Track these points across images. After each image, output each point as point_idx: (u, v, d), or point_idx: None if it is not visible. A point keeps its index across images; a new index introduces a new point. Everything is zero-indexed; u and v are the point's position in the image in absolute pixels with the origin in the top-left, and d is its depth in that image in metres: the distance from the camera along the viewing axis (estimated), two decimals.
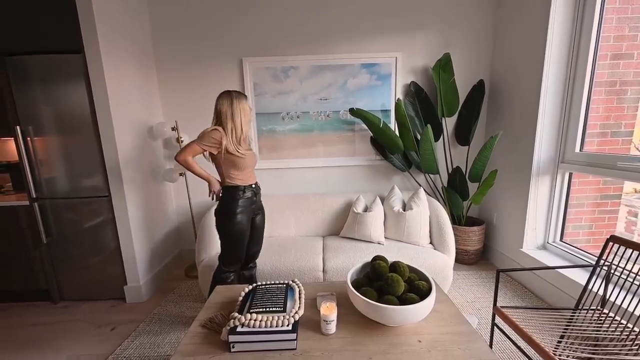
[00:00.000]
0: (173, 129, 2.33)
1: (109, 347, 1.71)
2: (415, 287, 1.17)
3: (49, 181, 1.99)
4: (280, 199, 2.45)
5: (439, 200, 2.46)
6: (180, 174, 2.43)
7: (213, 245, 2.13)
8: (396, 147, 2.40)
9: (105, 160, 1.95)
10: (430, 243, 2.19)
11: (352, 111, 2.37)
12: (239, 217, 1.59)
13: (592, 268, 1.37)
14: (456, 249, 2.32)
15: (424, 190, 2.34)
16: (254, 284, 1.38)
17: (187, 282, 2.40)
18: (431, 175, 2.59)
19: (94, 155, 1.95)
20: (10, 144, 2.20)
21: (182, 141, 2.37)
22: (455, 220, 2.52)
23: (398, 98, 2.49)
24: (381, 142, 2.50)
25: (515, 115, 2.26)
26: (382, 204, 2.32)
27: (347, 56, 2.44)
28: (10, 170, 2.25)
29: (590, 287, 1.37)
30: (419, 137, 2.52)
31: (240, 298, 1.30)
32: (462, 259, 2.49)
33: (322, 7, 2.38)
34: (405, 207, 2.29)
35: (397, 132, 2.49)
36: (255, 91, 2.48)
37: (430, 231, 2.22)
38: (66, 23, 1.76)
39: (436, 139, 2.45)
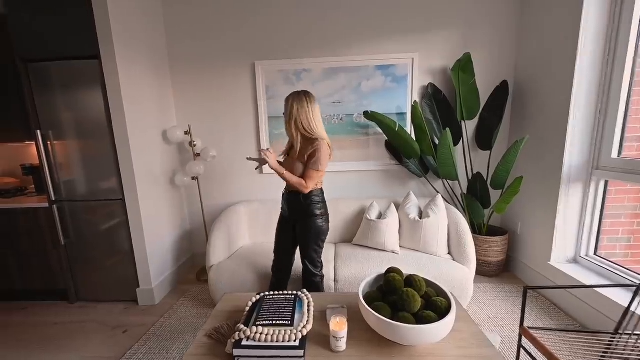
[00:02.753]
0: (186, 133, 2.34)
1: (120, 349, 1.71)
2: (433, 304, 1.08)
3: (67, 184, 2.05)
4: None
5: (457, 208, 2.33)
6: (193, 179, 2.44)
7: (223, 251, 2.11)
8: (412, 151, 2.30)
9: (120, 163, 1.98)
10: (449, 253, 2.07)
11: (367, 114, 2.30)
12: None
13: (635, 288, 1.23)
14: (477, 260, 2.19)
15: (442, 197, 2.23)
16: (262, 294, 1.33)
17: (198, 286, 2.40)
18: (449, 182, 2.46)
19: (109, 158, 1.98)
20: (33, 147, 2.29)
21: (194, 145, 2.38)
22: (476, 229, 2.37)
23: (415, 100, 2.39)
24: (396, 146, 2.41)
25: (542, 118, 2.10)
26: (397, 211, 2.23)
27: (362, 58, 2.38)
28: (33, 173, 2.34)
29: (633, 308, 1.22)
30: (436, 141, 2.41)
31: (247, 308, 1.26)
32: (483, 271, 2.34)
33: (335, 8, 2.33)
34: (421, 214, 2.19)
35: (413, 136, 2.40)
36: (267, 94, 2.46)
37: (448, 241, 2.10)
38: (84, 30, 1.80)
39: (455, 143, 2.33)
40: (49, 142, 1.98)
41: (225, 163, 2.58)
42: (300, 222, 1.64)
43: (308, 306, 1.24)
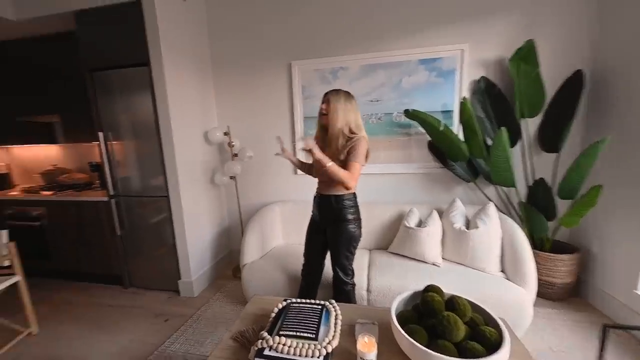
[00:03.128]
0: (225, 133, 2.42)
1: (160, 337, 1.82)
2: (480, 334, 0.92)
3: (123, 180, 2.25)
4: None
5: (514, 219, 2.03)
6: (231, 178, 2.51)
7: (257, 250, 2.13)
8: (459, 153, 2.07)
9: (165, 163, 2.11)
10: (502, 271, 1.82)
11: (407, 113, 2.13)
12: None
13: None
14: (537, 280, 1.88)
15: (495, 205, 1.96)
16: (288, 300, 1.29)
17: (234, 282, 2.47)
18: (504, 188, 2.16)
19: (157, 158, 2.13)
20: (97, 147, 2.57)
21: (232, 146, 2.45)
22: (537, 244, 2.05)
23: (464, 97, 2.15)
24: (441, 148, 2.19)
25: (632, 115, 1.72)
26: (440, 219, 2.02)
27: (403, 52, 2.21)
28: (97, 170, 2.64)
29: None
30: (489, 142, 2.14)
31: (273, 314, 1.22)
32: (545, 293, 2.01)
33: (375, 2, 2.20)
34: (469, 224, 1.95)
35: (461, 136, 2.16)
36: (303, 94, 2.43)
37: (501, 256, 1.84)
38: (137, 40, 1.96)
39: (512, 144, 2.04)
40: (108, 143, 2.20)
41: (262, 163, 2.61)
42: (332, 227, 1.57)
43: (335, 319, 1.16)
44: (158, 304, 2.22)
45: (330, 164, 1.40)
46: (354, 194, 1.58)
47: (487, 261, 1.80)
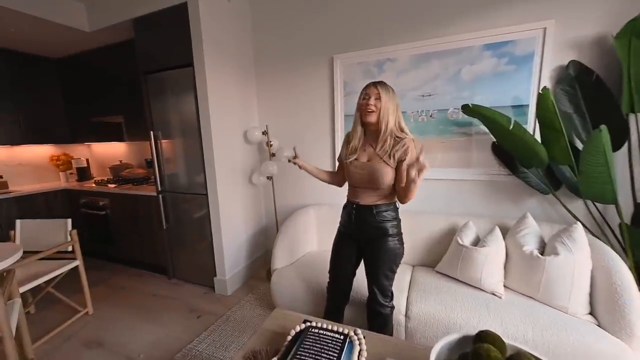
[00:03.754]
0: (264, 133, 2.38)
1: (190, 334, 1.85)
2: None
3: (170, 177, 2.37)
4: None
5: (612, 247, 1.55)
6: (268, 178, 2.47)
7: (288, 255, 2.03)
8: (535, 157, 1.65)
9: (205, 161, 2.14)
10: (590, 314, 1.39)
11: (467, 108, 1.78)
12: None
13: None
14: None
15: (584, 226, 1.52)
16: (307, 323, 1.13)
17: (266, 284, 2.41)
18: (598, 205, 1.67)
19: (198, 156, 2.18)
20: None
21: (271, 145, 2.40)
22: None
23: (544, 87, 1.72)
24: (509, 150, 1.80)
25: None
26: (504, 238, 1.65)
27: (464, 37, 1.86)
28: (152, 167, 2.84)
29: None
30: (579, 144, 1.67)
31: (289, 337, 1.08)
32: None
33: None
34: (544, 248, 1.55)
35: (538, 137, 1.73)
36: (345, 90, 2.25)
37: (591, 294, 1.41)
38: (182, 41, 2.01)
39: (615, 148, 1.55)
40: (159, 141, 2.33)
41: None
42: (371, 243, 1.37)
43: (359, 355, 0.96)
44: (195, 298, 2.28)
45: (417, 183, 1.14)
46: (395, 203, 1.36)
47: (569, 299, 1.39)
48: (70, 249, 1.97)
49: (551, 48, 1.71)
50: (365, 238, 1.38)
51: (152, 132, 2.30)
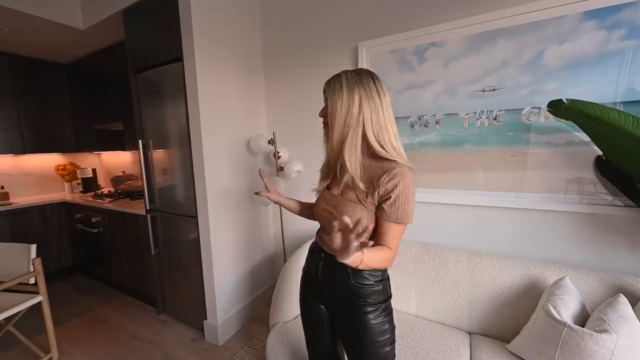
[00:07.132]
0: (270, 142, 1.93)
1: None
2: None
3: (161, 193, 1.99)
4: (400, 250, 1.56)
5: None
6: None
7: (293, 305, 1.52)
8: None
9: (195, 176, 1.73)
10: None
11: (558, 107, 1.19)
12: None
13: None
14: None
15: None
16: None
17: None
18: None
19: (188, 170, 1.77)
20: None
21: (279, 157, 1.94)
22: None
23: None
24: (629, 169, 1.16)
25: None
26: (633, 308, 1.00)
27: (548, 3, 1.28)
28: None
29: None
30: None
31: None
32: None
33: None
34: None
35: None
36: None
37: None
38: (172, 30, 1.64)
39: None
40: (149, 152, 1.98)
41: (313, 180, 2.01)
42: (343, 314, 0.88)
43: None
44: (179, 347, 1.83)
45: (361, 262, 0.68)
46: None
47: None
48: (32, 280, 1.63)
49: None
50: (333, 304, 0.90)
51: (140, 141, 1.95)
